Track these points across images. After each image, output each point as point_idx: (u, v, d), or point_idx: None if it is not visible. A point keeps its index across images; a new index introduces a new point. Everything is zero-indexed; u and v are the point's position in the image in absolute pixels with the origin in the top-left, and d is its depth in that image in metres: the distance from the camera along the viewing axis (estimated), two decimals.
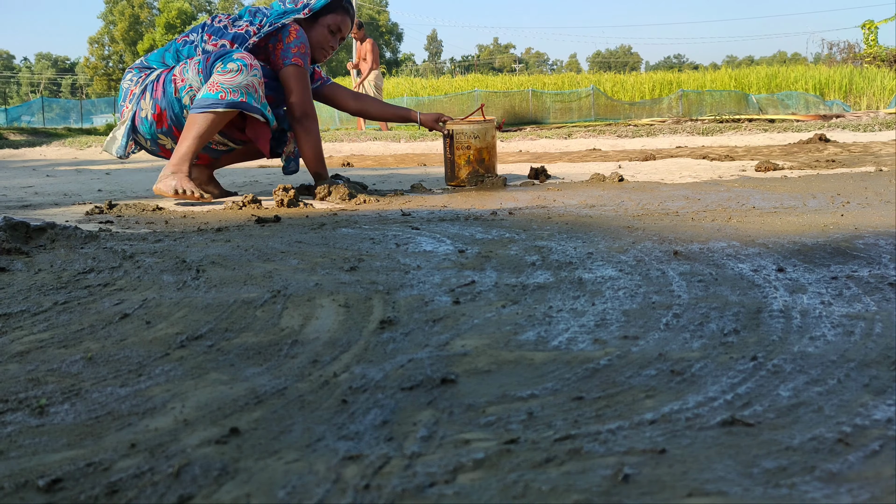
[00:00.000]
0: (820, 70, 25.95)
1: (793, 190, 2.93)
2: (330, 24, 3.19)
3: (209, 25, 3.06)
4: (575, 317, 1.09)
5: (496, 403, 0.78)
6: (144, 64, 3.08)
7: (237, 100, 2.80)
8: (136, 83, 3.01)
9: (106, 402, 0.81)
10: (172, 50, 3.05)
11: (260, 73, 2.87)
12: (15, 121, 25.62)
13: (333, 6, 3.19)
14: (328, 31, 3.21)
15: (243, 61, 2.82)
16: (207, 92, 2.80)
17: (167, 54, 3.05)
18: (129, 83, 3.05)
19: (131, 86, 3.03)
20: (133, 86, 3.02)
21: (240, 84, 2.80)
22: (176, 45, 3.07)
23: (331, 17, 3.19)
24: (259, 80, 2.86)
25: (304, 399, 0.82)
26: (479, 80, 29.77)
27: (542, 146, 8.37)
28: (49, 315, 1.15)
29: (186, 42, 3.04)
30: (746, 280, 1.28)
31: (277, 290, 1.28)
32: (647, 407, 0.76)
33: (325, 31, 3.20)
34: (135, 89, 3.01)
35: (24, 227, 1.78)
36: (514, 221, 2.08)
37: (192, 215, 2.47)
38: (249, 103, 2.83)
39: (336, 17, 3.20)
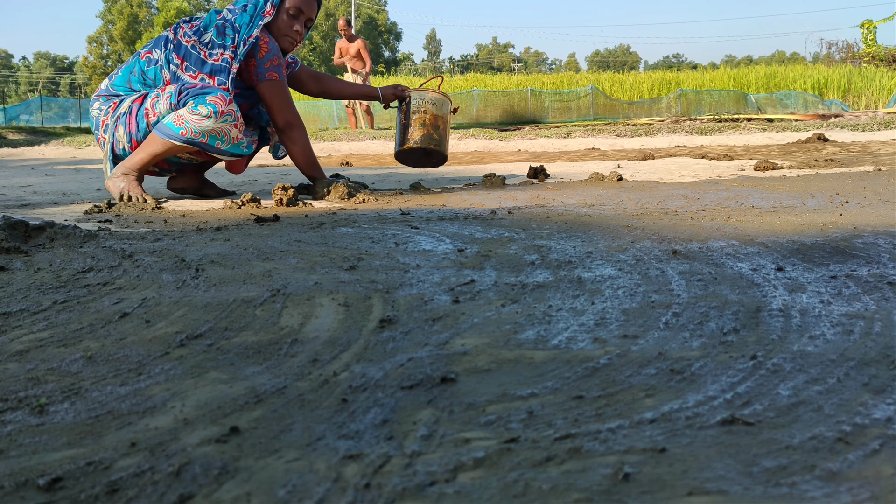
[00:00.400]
0: (818, 70, 25.97)
1: (792, 189, 2.93)
2: (288, 7, 3.05)
3: (176, 44, 2.92)
4: (574, 316, 1.09)
5: (496, 402, 0.78)
6: (111, 91, 2.98)
7: (196, 140, 2.80)
8: (105, 113, 2.95)
9: (106, 400, 0.81)
10: (137, 71, 2.93)
11: (233, 117, 2.82)
12: (13, 120, 25.59)
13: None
14: (287, 15, 3.06)
15: (215, 107, 2.76)
16: (171, 122, 2.79)
17: (132, 77, 2.94)
18: (98, 112, 2.98)
19: (101, 115, 2.97)
20: (103, 115, 2.96)
21: (205, 128, 2.78)
22: (140, 63, 2.95)
23: (288, 0, 3.06)
24: (231, 124, 2.82)
25: (304, 398, 0.82)
26: (477, 79, 29.76)
27: (541, 145, 8.37)
28: (48, 314, 1.15)
29: (151, 61, 2.93)
30: (746, 279, 1.28)
31: (277, 289, 1.28)
32: (647, 406, 0.76)
33: (284, 18, 3.06)
34: (106, 119, 2.95)
35: (24, 225, 1.78)
36: (513, 221, 2.08)
37: (191, 214, 2.47)
38: (210, 144, 2.84)
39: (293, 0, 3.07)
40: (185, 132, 2.78)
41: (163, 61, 2.89)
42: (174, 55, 2.89)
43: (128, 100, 2.91)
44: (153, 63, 2.91)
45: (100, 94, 3.01)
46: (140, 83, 2.92)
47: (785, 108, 21.15)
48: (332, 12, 71.03)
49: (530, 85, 26.48)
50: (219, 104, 2.77)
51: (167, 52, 2.90)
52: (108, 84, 3.00)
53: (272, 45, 2.98)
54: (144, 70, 2.92)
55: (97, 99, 3.00)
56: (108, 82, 3.01)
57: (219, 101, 2.77)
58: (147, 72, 2.91)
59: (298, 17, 3.09)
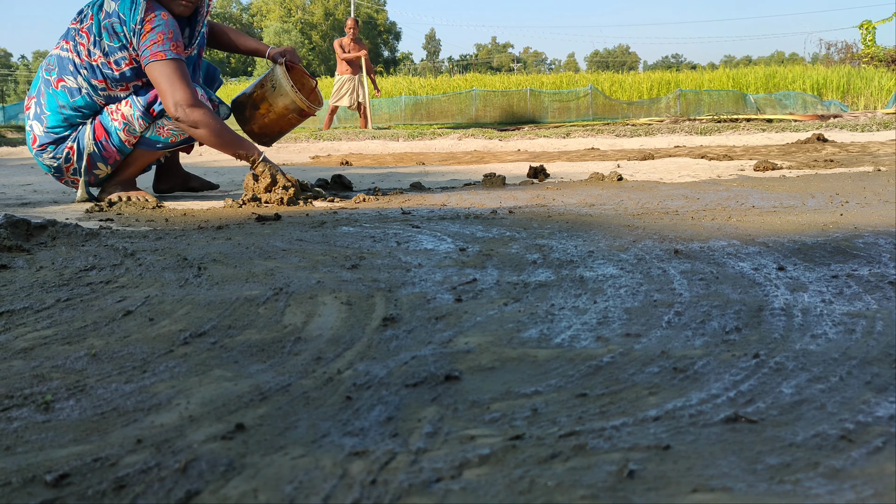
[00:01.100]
0: (818, 70, 25.97)
1: (792, 189, 2.93)
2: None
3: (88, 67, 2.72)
4: (577, 314, 1.09)
5: (500, 400, 0.79)
6: (53, 136, 2.83)
7: (185, 138, 2.90)
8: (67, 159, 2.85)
9: (111, 398, 0.82)
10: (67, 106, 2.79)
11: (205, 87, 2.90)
12: (12, 119, 25.55)
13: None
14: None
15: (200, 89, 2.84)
16: (156, 135, 2.84)
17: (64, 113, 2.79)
18: (54, 160, 2.86)
19: (62, 162, 2.86)
20: (65, 161, 2.86)
21: None
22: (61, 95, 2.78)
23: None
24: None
25: (308, 396, 0.82)
26: (477, 79, 29.74)
27: (541, 145, 8.37)
28: (52, 312, 1.15)
29: (71, 91, 2.76)
30: (747, 278, 1.28)
31: (280, 288, 1.29)
32: (651, 404, 0.76)
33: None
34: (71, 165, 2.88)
35: (25, 224, 1.78)
36: (514, 220, 2.08)
37: (193, 214, 2.47)
38: None
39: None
40: (174, 138, 2.88)
41: (87, 88, 2.76)
42: (94, 80, 2.74)
43: (86, 139, 2.82)
44: (77, 92, 2.76)
45: (42, 143, 2.84)
46: (79, 116, 2.81)
47: (784, 109, 21.14)
48: (331, 11, 70.96)
49: (529, 85, 26.47)
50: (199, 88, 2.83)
51: (84, 77, 2.74)
52: (43, 130, 2.82)
53: (158, 20, 2.67)
54: (72, 103, 2.78)
55: (44, 150, 2.85)
56: (40, 127, 2.82)
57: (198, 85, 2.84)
58: (76, 102, 2.77)
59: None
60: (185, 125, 2.71)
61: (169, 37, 2.67)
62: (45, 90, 2.81)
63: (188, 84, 2.70)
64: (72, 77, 2.75)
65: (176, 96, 2.66)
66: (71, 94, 2.76)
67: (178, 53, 2.69)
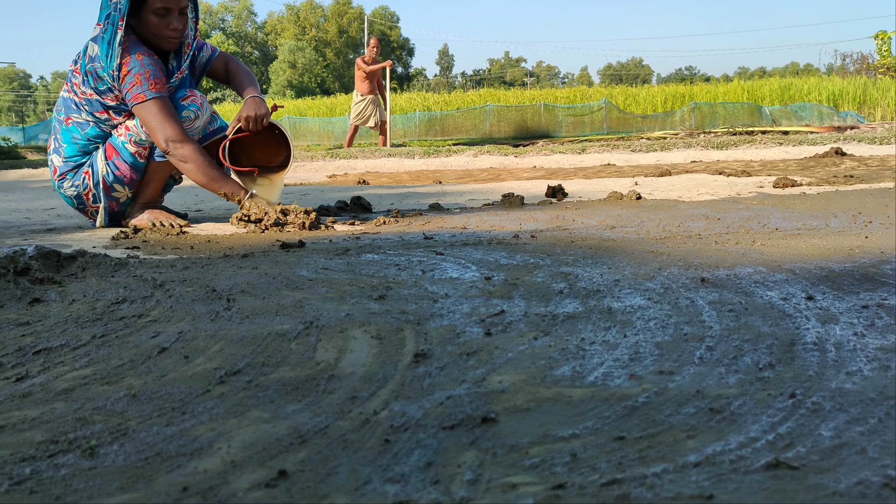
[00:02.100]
0: (833, 81, 25.84)
1: (813, 208, 2.92)
2: (155, 8, 2.76)
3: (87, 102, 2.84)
4: (608, 350, 1.10)
5: (538, 444, 0.79)
6: (71, 165, 2.94)
7: (202, 135, 2.98)
8: (85, 186, 2.93)
9: (153, 441, 0.83)
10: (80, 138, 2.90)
11: (206, 101, 2.97)
12: (32, 139, 25.89)
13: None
14: (155, 16, 2.78)
15: (197, 106, 2.90)
16: None
17: (79, 144, 2.91)
18: (75, 188, 2.94)
19: (81, 189, 2.94)
20: (83, 188, 2.94)
21: (199, 125, 2.94)
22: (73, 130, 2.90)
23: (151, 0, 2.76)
24: (208, 108, 2.97)
25: (346, 438, 0.83)
26: (491, 94, 29.83)
27: (556, 161, 8.38)
28: (89, 349, 1.17)
29: (81, 125, 2.87)
30: (777, 309, 1.28)
31: (310, 322, 1.30)
32: (690, 448, 0.76)
33: (153, 20, 2.78)
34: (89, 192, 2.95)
35: (56, 255, 1.80)
36: (537, 245, 2.09)
37: (216, 240, 2.49)
38: (215, 128, 3.03)
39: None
40: None
41: (94, 120, 2.88)
42: (96, 113, 2.86)
43: (99, 161, 2.91)
44: (86, 126, 2.89)
45: (62, 172, 2.95)
46: (91, 146, 2.93)
47: (800, 121, 21.05)
48: (344, 28, 71.50)
49: (543, 99, 26.51)
50: (196, 100, 2.90)
51: (87, 113, 2.86)
52: (62, 160, 2.94)
53: (132, 63, 2.74)
54: (85, 134, 2.90)
55: (64, 179, 2.95)
56: (59, 159, 2.94)
57: (195, 98, 2.90)
58: (89, 133, 2.90)
59: (169, 14, 2.79)
60: (176, 160, 2.80)
61: (146, 76, 2.74)
62: (59, 127, 2.96)
63: (174, 120, 2.78)
64: (76, 114, 2.90)
65: (166, 132, 2.75)
66: (81, 128, 2.91)
67: (158, 91, 2.76)
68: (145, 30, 2.81)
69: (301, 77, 66.70)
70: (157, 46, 2.87)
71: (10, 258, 1.65)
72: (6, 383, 1.03)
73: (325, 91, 61.01)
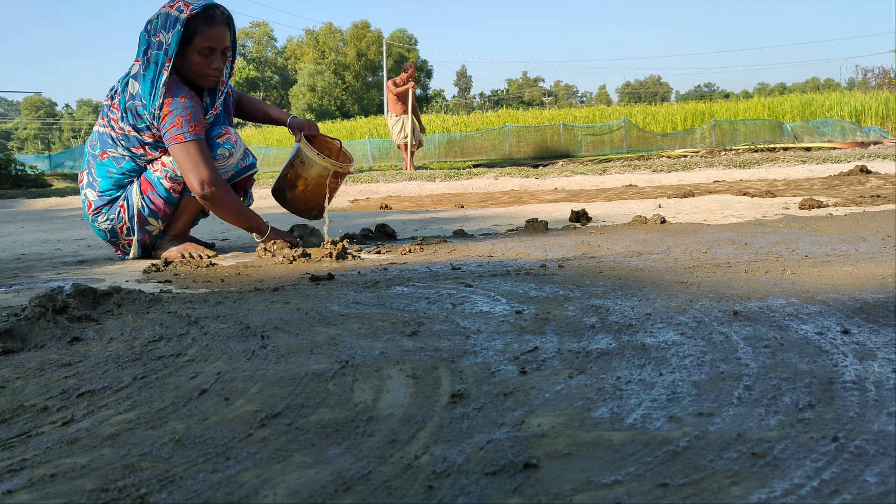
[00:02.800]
0: (855, 97, 25.68)
1: (841, 230, 2.90)
2: (199, 47, 2.84)
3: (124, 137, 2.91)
4: (645, 389, 1.10)
5: (582, 491, 0.80)
6: (106, 199, 3.01)
7: (229, 176, 3.05)
8: (120, 219, 3.00)
9: (201, 489, 0.84)
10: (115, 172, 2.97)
11: (239, 139, 3.05)
12: (58, 167, 26.34)
13: (197, 27, 2.82)
14: (199, 56, 2.86)
15: (231, 144, 2.99)
16: None
17: (113, 178, 2.98)
18: (109, 222, 3.01)
19: (116, 222, 3.01)
20: (118, 222, 3.00)
21: (233, 163, 3.03)
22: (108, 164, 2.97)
23: (198, 39, 2.83)
24: (241, 143, 3.06)
25: (390, 485, 0.84)
26: (509, 115, 29.96)
27: (578, 182, 8.39)
28: (131, 391, 1.19)
29: (116, 159, 2.96)
30: (813, 345, 1.28)
31: (345, 361, 1.31)
32: (735, 495, 0.76)
33: (196, 59, 2.86)
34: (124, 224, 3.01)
35: (92, 292, 1.84)
36: (565, 276, 2.09)
37: (246, 273, 2.52)
38: (241, 170, 3.10)
39: (202, 38, 2.83)
40: (224, 177, 3.01)
41: (129, 155, 2.95)
42: (132, 148, 2.93)
43: (134, 195, 2.98)
44: (122, 160, 2.96)
45: (97, 206, 3.01)
46: (126, 179, 3.00)
47: (822, 137, 20.91)
48: (363, 52, 72.20)
49: (562, 119, 26.57)
50: (230, 137, 2.98)
51: (123, 148, 2.93)
52: (97, 195, 3.00)
53: (174, 104, 2.81)
54: (120, 168, 2.97)
55: (98, 213, 3.01)
56: (94, 193, 3.00)
57: (229, 136, 2.98)
58: (124, 167, 2.96)
59: (212, 54, 2.88)
60: (208, 203, 2.90)
61: (187, 119, 2.82)
62: (94, 163, 3.02)
63: (208, 163, 2.86)
64: (112, 149, 2.95)
65: (201, 175, 2.83)
66: (117, 162, 2.97)
67: (196, 134, 2.84)
68: (187, 67, 2.88)
69: (321, 100, 67.38)
70: (195, 83, 2.95)
71: (49, 297, 1.69)
72: (53, 427, 1.05)
73: (345, 114, 61.51)
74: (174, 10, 2.81)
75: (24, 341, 1.53)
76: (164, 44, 2.80)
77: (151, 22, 2.85)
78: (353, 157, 3.43)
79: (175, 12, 2.80)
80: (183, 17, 2.78)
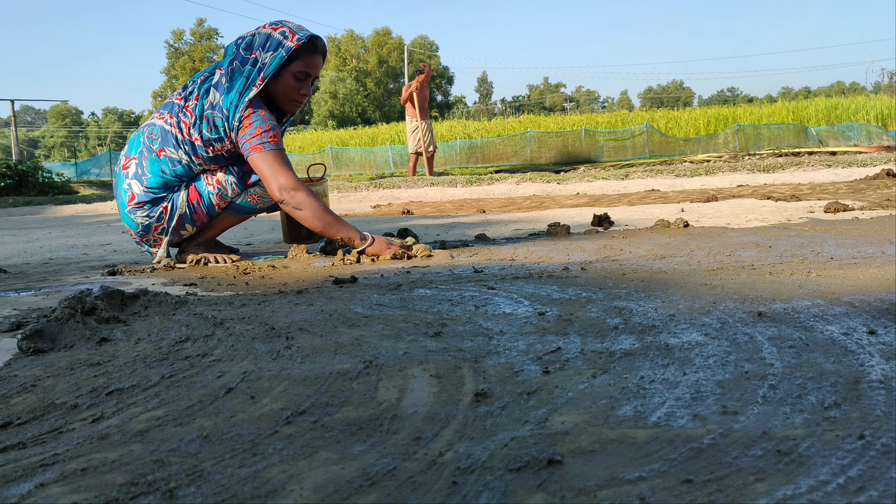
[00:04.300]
0: (881, 100, 25.37)
1: (867, 234, 2.87)
2: (296, 71, 2.91)
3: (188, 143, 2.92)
4: (669, 388, 1.10)
5: (606, 487, 0.80)
6: (151, 196, 3.01)
7: (272, 204, 3.16)
8: (159, 219, 3.03)
9: (229, 484, 0.85)
10: (168, 172, 2.97)
11: None
12: (84, 174, 26.73)
13: (298, 52, 2.90)
14: (294, 80, 2.93)
15: None
16: (246, 202, 3.11)
17: (164, 178, 2.99)
18: (147, 218, 3.03)
19: (153, 221, 3.03)
20: (156, 221, 3.03)
21: None
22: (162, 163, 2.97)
23: (297, 63, 2.91)
24: None
25: (414, 480, 0.85)
26: (531, 120, 29.93)
27: (600, 188, 8.36)
28: (159, 390, 1.21)
29: (172, 161, 2.95)
30: (839, 345, 1.27)
31: (369, 361, 1.32)
32: (760, 492, 0.76)
33: (290, 82, 2.93)
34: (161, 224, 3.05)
35: (120, 294, 1.87)
36: (588, 278, 2.09)
37: (270, 275, 2.55)
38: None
39: (301, 62, 2.91)
40: (261, 205, 3.14)
41: (188, 160, 2.96)
42: (193, 157, 2.95)
43: (180, 201, 3.02)
44: (178, 163, 2.96)
45: (140, 201, 3.01)
46: (177, 182, 3.01)
47: (848, 141, 20.67)
48: (384, 58, 72.53)
49: (584, 125, 26.51)
50: None
51: (185, 152, 2.94)
52: (143, 189, 3.00)
53: (255, 116, 2.84)
54: (174, 171, 2.98)
55: (140, 208, 3.01)
56: (140, 186, 3.00)
57: None
58: (177, 171, 2.97)
59: (306, 79, 2.97)
60: (290, 207, 2.86)
61: (266, 129, 2.84)
62: (148, 155, 2.99)
63: (289, 170, 2.87)
64: (173, 149, 2.95)
65: (279, 181, 2.82)
66: (172, 164, 2.97)
67: (276, 144, 2.86)
68: (277, 90, 2.94)
69: (342, 107, 67.76)
70: (278, 107, 3.03)
71: (78, 299, 1.72)
72: (83, 424, 1.07)
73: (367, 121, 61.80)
74: (277, 33, 2.87)
75: (55, 342, 1.56)
76: (261, 62, 2.85)
77: (245, 38, 2.90)
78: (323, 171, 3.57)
79: (279, 36, 2.86)
80: (289, 44, 2.85)
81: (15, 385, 1.28)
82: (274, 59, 2.84)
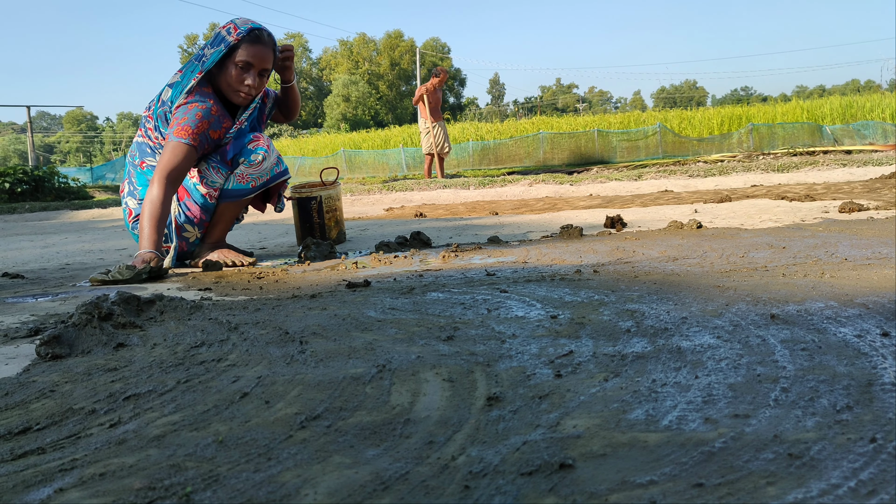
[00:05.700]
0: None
1: (882, 234, 2.86)
2: (237, 60, 2.98)
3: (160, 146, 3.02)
4: (680, 392, 1.10)
5: (617, 490, 0.80)
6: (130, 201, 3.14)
7: (264, 181, 3.17)
8: None
9: (244, 488, 0.87)
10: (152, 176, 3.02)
11: (271, 143, 3.16)
12: (100, 179, 26.94)
13: (238, 45, 2.97)
14: (236, 68, 2.98)
15: (264, 149, 3.11)
16: (237, 183, 3.12)
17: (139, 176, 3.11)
18: None
19: None
20: None
21: (268, 166, 3.14)
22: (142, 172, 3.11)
23: (238, 52, 2.97)
24: (274, 151, 3.18)
25: (427, 484, 0.85)
26: (543, 122, 29.88)
27: (613, 189, 8.34)
28: (175, 395, 1.22)
29: (149, 166, 3.07)
30: (851, 347, 1.26)
31: (382, 365, 1.33)
32: (771, 495, 0.76)
33: (233, 72, 2.99)
34: None
35: (136, 300, 1.89)
36: (600, 281, 2.09)
37: (284, 280, 2.56)
38: (275, 176, 3.20)
39: (242, 51, 2.97)
40: (254, 183, 3.14)
41: None
42: None
43: (172, 204, 3.06)
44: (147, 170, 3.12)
45: (136, 214, 3.13)
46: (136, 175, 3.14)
47: (863, 139, 20.51)
48: (396, 61, 72.69)
49: (597, 125, 26.43)
50: (262, 143, 3.09)
51: (160, 156, 2.98)
52: (136, 203, 3.14)
53: (184, 108, 2.94)
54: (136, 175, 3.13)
55: (137, 221, 3.11)
56: (134, 201, 3.13)
57: (261, 142, 3.09)
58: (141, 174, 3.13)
59: (248, 70, 3.00)
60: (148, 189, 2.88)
61: (182, 122, 2.92)
62: (134, 171, 3.15)
63: (176, 163, 2.89)
64: (151, 157, 3.08)
65: (160, 166, 2.89)
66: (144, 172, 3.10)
67: (183, 138, 2.91)
68: (222, 79, 3.03)
69: (355, 110, 67.95)
70: (226, 98, 3.09)
71: (95, 304, 1.74)
72: (101, 429, 1.09)
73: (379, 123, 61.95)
74: (224, 30, 3.01)
75: (72, 347, 1.58)
76: (205, 57, 2.99)
77: (207, 40, 3.07)
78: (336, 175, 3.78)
79: (224, 33, 3.00)
80: (230, 39, 2.98)
81: (34, 391, 1.30)
82: (214, 54, 2.97)
